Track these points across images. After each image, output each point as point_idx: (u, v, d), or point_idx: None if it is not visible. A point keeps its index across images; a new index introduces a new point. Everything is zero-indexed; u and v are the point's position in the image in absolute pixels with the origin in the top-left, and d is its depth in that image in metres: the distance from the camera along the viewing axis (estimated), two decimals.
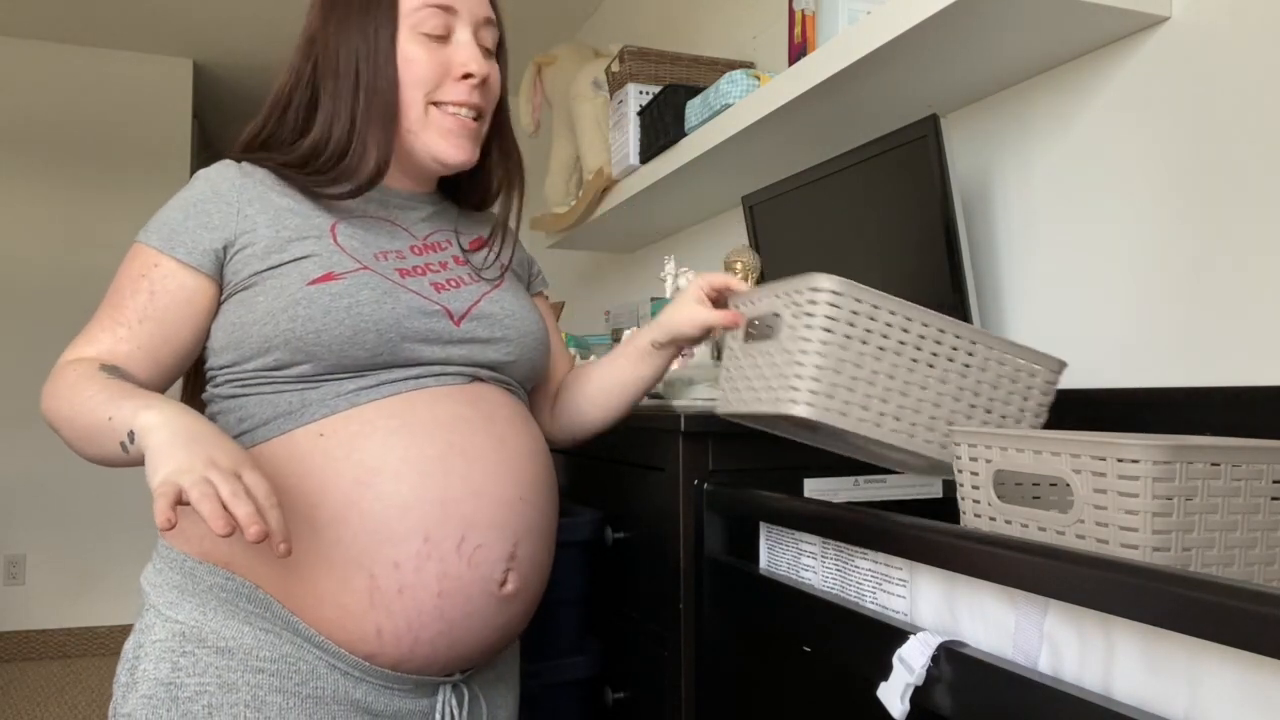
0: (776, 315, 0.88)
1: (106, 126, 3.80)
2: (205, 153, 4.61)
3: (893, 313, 0.84)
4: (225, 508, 0.65)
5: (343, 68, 0.91)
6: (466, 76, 0.92)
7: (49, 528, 3.64)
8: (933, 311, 0.87)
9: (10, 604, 3.58)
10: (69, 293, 3.70)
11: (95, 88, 3.78)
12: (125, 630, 3.69)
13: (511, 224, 1.03)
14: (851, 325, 0.83)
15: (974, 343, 0.88)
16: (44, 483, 3.63)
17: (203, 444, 0.69)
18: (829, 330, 0.83)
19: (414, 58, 0.91)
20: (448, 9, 0.92)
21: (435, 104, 0.93)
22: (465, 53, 0.93)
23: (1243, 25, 1.04)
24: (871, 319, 0.83)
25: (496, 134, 1.02)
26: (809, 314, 0.83)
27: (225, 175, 0.91)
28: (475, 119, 0.95)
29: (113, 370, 0.82)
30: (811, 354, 0.83)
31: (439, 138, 0.93)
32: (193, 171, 3.91)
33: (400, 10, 0.91)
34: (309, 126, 0.94)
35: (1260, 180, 1.02)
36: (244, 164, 0.93)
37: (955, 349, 0.87)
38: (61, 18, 3.47)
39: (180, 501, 0.65)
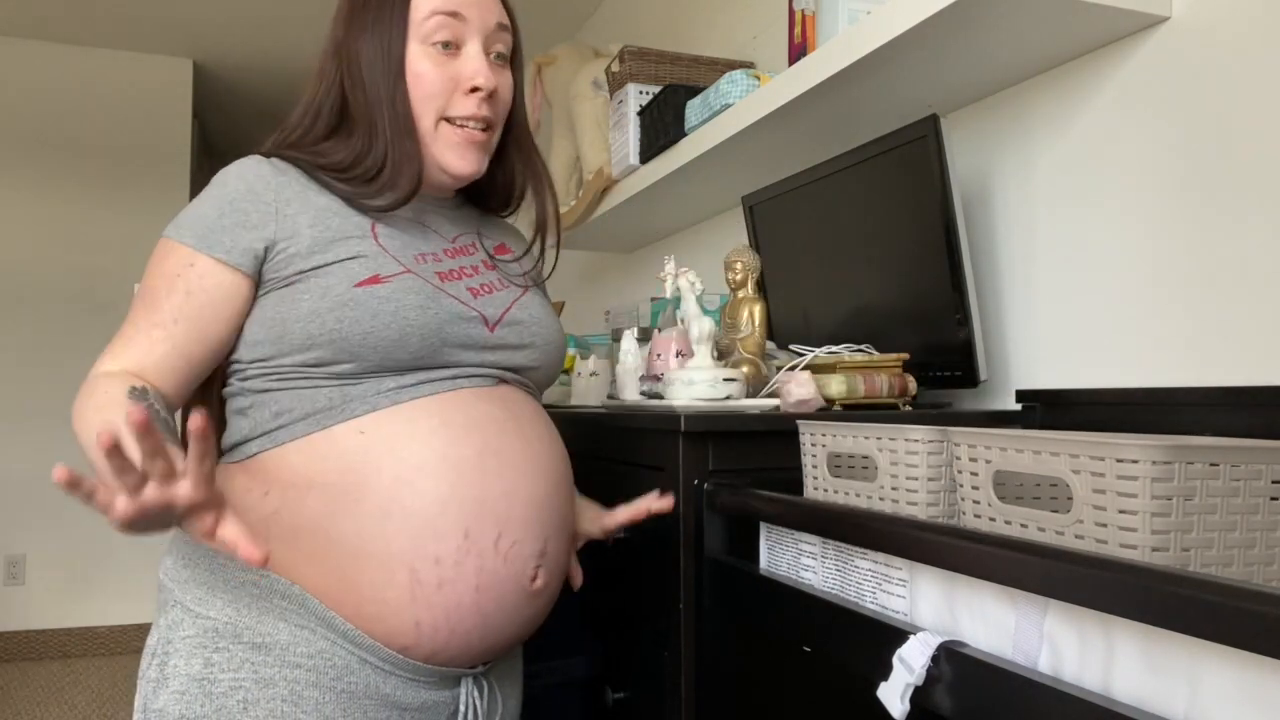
0: (867, 457, 0.91)
1: (106, 126, 3.80)
2: (205, 153, 4.61)
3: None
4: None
5: (366, 80, 0.92)
6: (475, 90, 0.93)
7: (49, 528, 3.64)
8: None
9: (10, 604, 3.58)
10: (69, 293, 3.70)
11: (95, 88, 3.78)
12: (125, 630, 3.69)
13: (549, 239, 1.06)
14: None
15: None
16: (44, 483, 3.63)
17: None
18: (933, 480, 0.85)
19: (422, 73, 0.92)
20: (457, 16, 0.92)
21: (447, 119, 0.93)
22: (473, 65, 0.93)
23: (1243, 25, 1.04)
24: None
25: (514, 140, 1.03)
26: (910, 464, 0.85)
27: (259, 173, 0.90)
28: (484, 130, 0.96)
29: (141, 394, 0.81)
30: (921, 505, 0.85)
31: (446, 149, 0.94)
32: (193, 171, 3.92)
33: (410, 20, 0.92)
34: (335, 131, 0.95)
35: (1260, 180, 1.02)
36: (274, 160, 0.92)
37: None
38: (61, 18, 3.47)
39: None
